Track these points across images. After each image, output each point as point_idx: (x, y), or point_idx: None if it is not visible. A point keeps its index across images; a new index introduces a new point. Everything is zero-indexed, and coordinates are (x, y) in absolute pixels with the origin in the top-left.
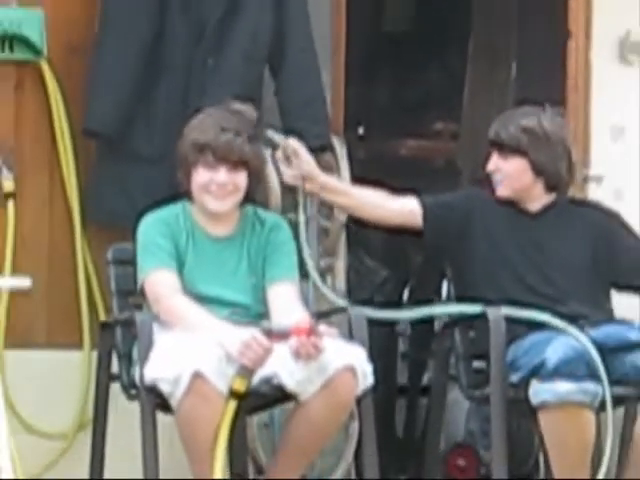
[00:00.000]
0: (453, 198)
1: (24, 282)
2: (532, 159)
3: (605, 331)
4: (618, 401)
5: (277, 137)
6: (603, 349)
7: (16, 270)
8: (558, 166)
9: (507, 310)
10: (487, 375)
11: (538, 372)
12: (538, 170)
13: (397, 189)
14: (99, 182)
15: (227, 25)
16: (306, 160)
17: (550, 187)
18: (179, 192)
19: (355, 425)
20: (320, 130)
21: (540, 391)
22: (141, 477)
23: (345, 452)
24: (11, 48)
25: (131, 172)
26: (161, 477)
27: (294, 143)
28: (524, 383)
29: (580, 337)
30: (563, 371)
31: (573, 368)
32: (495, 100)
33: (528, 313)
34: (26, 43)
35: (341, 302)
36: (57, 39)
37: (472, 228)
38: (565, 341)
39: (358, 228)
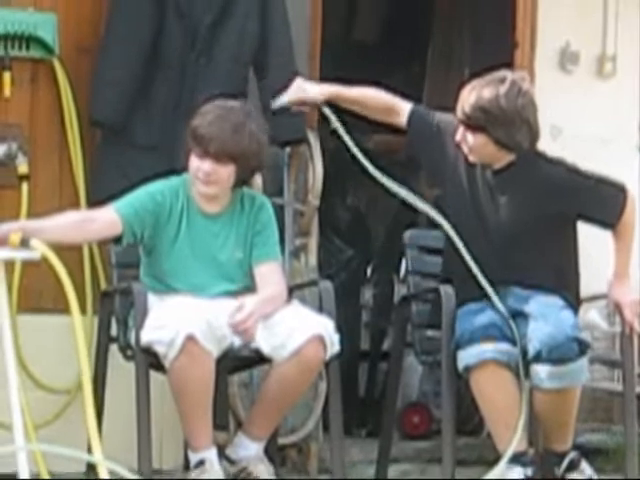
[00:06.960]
0: (441, 115)
1: (35, 255)
2: (491, 135)
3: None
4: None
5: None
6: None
7: None
8: (516, 137)
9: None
10: (439, 343)
11: (458, 343)
12: (498, 143)
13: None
14: (102, 166)
15: (216, 30)
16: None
17: (513, 151)
18: (173, 175)
19: (323, 385)
20: (297, 124)
21: (462, 358)
22: (135, 427)
23: (314, 408)
24: (27, 47)
25: (130, 158)
26: (152, 427)
27: None
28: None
29: (501, 308)
30: (476, 337)
31: (487, 332)
32: (450, 101)
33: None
34: (41, 43)
35: None
36: (68, 40)
37: (445, 148)
38: (475, 311)
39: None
